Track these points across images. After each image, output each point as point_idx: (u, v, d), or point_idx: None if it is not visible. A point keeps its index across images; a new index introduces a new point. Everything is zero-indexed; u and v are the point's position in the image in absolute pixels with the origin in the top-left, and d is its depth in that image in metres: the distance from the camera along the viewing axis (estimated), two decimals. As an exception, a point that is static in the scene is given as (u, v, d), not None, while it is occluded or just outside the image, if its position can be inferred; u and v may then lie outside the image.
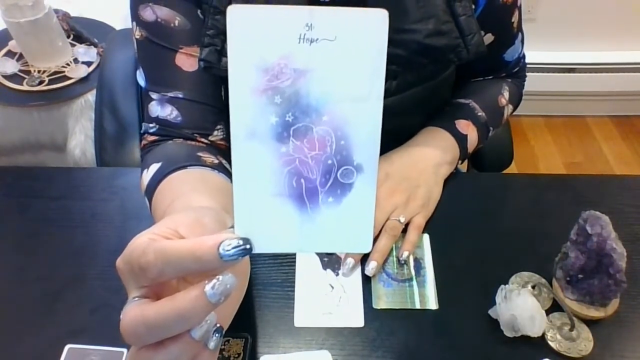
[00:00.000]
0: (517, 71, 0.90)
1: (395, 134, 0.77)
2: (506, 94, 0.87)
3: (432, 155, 0.76)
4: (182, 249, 0.31)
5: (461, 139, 0.78)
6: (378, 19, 0.31)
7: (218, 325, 0.34)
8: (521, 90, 0.92)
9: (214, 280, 0.31)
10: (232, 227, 0.33)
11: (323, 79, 0.32)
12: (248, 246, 0.32)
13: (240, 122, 0.32)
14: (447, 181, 0.77)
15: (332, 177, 0.33)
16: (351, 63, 0.31)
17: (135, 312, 0.31)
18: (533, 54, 1.93)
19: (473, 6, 0.70)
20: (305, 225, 0.34)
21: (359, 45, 0.31)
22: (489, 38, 0.77)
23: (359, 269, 0.67)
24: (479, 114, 0.81)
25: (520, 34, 0.83)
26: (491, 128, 0.83)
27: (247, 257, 0.38)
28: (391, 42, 0.72)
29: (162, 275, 0.32)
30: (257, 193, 0.33)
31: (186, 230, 0.35)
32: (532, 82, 0.99)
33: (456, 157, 0.78)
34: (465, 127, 0.79)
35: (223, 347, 0.59)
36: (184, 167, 0.60)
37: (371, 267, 0.65)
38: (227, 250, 0.31)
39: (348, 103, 0.32)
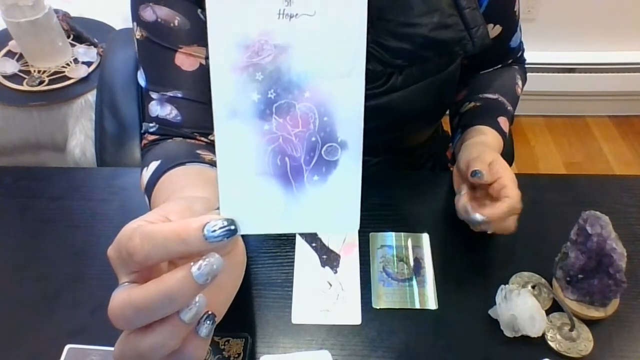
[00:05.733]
0: (520, 55, 0.90)
1: (399, 129, 0.77)
2: (520, 83, 0.87)
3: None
4: (167, 232, 0.31)
5: (504, 138, 0.77)
6: None
7: (210, 312, 0.33)
8: (525, 72, 0.92)
9: (200, 261, 0.30)
10: (218, 209, 0.33)
11: (304, 54, 0.31)
12: (233, 227, 0.32)
13: (222, 101, 0.32)
14: (448, 180, 0.77)
15: (317, 154, 0.33)
16: (331, 38, 0.31)
17: (123, 295, 0.31)
18: (533, 54, 1.92)
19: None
20: (291, 204, 0.33)
21: (339, 20, 0.31)
22: (497, 29, 0.78)
23: (357, 268, 0.67)
24: (509, 108, 0.81)
25: (518, 20, 0.83)
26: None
27: (242, 245, 0.38)
28: (396, 36, 0.72)
29: (148, 258, 0.31)
30: (241, 173, 0.32)
31: (176, 216, 0.35)
32: (532, 82, 0.99)
33: None
34: (504, 124, 0.78)
35: (223, 347, 0.59)
36: (183, 163, 0.60)
37: (480, 217, 0.62)
38: (212, 232, 0.31)
39: (330, 79, 0.32)
